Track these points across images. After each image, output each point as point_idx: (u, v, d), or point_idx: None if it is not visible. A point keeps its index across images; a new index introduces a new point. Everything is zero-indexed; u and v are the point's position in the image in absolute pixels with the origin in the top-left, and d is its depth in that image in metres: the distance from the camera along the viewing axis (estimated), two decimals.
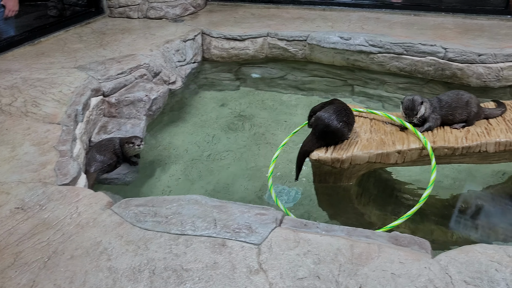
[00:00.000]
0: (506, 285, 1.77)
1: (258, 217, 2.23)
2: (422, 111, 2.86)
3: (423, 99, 2.89)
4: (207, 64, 5.72)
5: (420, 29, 5.47)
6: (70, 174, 2.71)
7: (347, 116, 2.83)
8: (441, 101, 2.94)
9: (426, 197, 2.64)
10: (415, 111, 2.84)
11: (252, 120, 4.55)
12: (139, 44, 5.14)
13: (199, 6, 6.70)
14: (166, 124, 4.47)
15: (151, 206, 2.36)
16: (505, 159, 2.92)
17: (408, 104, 2.87)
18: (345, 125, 2.79)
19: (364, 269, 1.89)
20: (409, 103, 2.86)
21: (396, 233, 2.14)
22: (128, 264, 1.99)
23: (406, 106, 2.87)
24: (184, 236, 2.14)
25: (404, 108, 2.88)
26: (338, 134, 2.80)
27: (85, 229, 2.22)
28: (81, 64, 4.44)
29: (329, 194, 3.10)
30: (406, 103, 2.88)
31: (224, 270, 1.93)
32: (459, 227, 3.08)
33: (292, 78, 5.50)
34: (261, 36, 5.53)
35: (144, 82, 4.34)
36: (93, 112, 3.84)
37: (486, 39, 5.04)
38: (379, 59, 5.09)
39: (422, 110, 2.85)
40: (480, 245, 2.00)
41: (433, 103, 2.93)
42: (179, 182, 3.66)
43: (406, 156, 2.81)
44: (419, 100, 2.85)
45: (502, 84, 4.68)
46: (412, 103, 2.84)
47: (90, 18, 6.22)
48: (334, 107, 2.84)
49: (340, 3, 6.65)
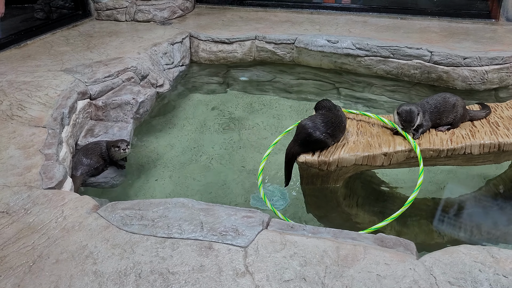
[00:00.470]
0: (489, 285, 1.79)
1: (245, 220, 2.23)
2: (418, 121, 2.85)
3: (418, 109, 2.87)
4: (195, 67, 5.72)
5: (407, 32, 5.52)
6: (55, 178, 2.69)
7: (333, 128, 2.82)
8: (430, 105, 2.96)
9: (412, 199, 2.66)
10: (412, 123, 2.82)
11: (240, 123, 4.56)
12: (126, 47, 5.12)
13: (187, 9, 6.69)
14: (153, 127, 4.45)
15: (137, 210, 2.35)
16: (489, 161, 2.96)
17: (406, 116, 2.82)
18: (327, 136, 2.80)
19: (350, 270, 1.90)
20: (407, 116, 2.82)
21: (382, 235, 2.16)
22: (114, 268, 1.98)
23: (405, 119, 2.82)
24: (171, 239, 2.13)
25: (402, 120, 2.84)
26: (320, 144, 2.82)
27: (71, 233, 2.21)
28: (68, 67, 4.41)
29: (317, 196, 3.11)
30: (404, 115, 2.83)
31: (211, 273, 1.93)
32: (443, 228, 3.12)
33: (280, 81, 5.52)
34: (249, 39, 5.55)
35: (132, 85, 4.32)
36: (80, 115, 3.82)
37: (471, 42, 5.10)
38: (366, 62, 5.13)
39: (418, 120, 2.85)
40: (464, 246, 2.02)
41: (423, 107, 2.94)
42: (166, 185, 3.65)
43: (392, 158, 2.84)
44: (416, 111, 2.83)
45: (487, 87, 4.75)
46: (410, 115, 2.81)
47: (77, 20, 6.18)
48: (320, 117, 2.85)
49: (327, 6, 6.70)
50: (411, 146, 2.80)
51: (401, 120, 2.84)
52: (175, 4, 6.45)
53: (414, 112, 2.82)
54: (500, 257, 1.93)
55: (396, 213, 2.64)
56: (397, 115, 2.87)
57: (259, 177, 3.06)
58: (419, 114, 2.85)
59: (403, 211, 2.65)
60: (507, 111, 3.14)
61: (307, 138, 2.79)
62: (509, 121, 3.00)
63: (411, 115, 2.81)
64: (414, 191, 2.68)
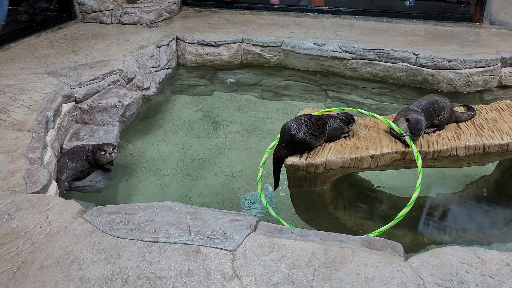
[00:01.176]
0: (476, 286, 1.80)
1: (232, 223, 2.22)
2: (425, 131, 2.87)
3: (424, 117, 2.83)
4: (182, 70, 5.70)
5: (392, 35, 5.57)
6: (40, 182, 2.65)
7: (314, 128, 2.82)
8: (421, 109, 2.96)
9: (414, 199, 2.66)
10: (421, 132, 2.78)
11: (228, 126, 4.55)
12: (112, 49, 5.08)
13: (173, 12, 6.67)
14: (140, 130, 4.42)
15: (124, 214, 2.32)
16: (474, 163, 2.99)
17: (416, 124, 2.75)
18: (310, 136, 2.80)
19: (338, 273, 1.90)
20: (419, 126, 2.76)
21: (370, 237, 2.16)
22: (100, 273, 1.96)
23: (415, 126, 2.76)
24: (158, 244, 2.11)
25: (413, 128, 2.77)
26: (304, 145, 2.81)
27: (56, 238, 2.17)
28: (53, 70, 4.36)
29: (304, 198, 3.11)
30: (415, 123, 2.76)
31: (198, 277, 1.91)
32: (430, 229, 3.14)
33: (267, 83, 5.52)
34: (236, 42, 5.54)
35: (118, 88, 4.28)
36: (65, 119, 3.77)
37: (455, 45, 5.16)
38: (353, 65, 5.16)
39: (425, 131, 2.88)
40: (451, 247, 2.03)
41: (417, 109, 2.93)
42: (153, 188, 3.62)
43: (379, 160, 2.85)
44: (425, 121, 2.80)
45: (472, 90, 4.81)
46: (421, 124, 2.76)
47: (62, 23, 6.12)
48: (304, 118, 2.85)
49: (314, 9, 6.73)
50: (397, 148, 2.81)
51: (410, 127, 2.78)
52: (161, 6, 6.42)
53: (423, 121, 2.77)
54: (486, 258, 1.94)
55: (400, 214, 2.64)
56: (407, 121, 2.78)
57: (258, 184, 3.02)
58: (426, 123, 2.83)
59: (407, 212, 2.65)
60: (492, 113, 3.18)
61: (290, 139, 2.78)
62: (493, 123, 3.03)
63: (421, 124, 2.76)
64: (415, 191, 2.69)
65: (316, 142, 2.86)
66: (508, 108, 3.22)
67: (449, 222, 3.22)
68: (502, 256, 1.95)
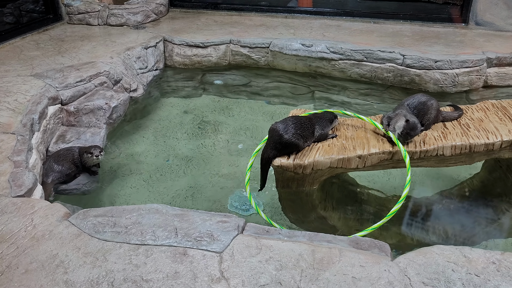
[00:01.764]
0: (462, 284, 1.81)
1: (220, 225, 2.21)
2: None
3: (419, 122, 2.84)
4: (169, 71, 5.68)
5: (380, 36, 5.60)
6: (25, 185, 2.62)
7: (302, 129, 2.82)
8: (410, 109, 2.97)
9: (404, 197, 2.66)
10: (410, 138, 2.80)
11: (216, 127, 4.53)
12: (99, 51, 5.04)
13: (161, 13, 6.64)
14: (127, 133, 4.39)
15: (110, 216, 2.30)
16: (461, 162, 3.01)
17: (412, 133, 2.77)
18: (299, 137, 2.80)
19: (326, 273, 1.89)
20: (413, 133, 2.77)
21: (357, 237, 2.17)
22: (85, 277, 1.93)
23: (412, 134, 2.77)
24: (144, 246, 2.09)
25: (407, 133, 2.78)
26: (291, 146, 2.81)
27: (41, 242, 2.15)
28: (38, 72, 4.31)
29: (292, 199, 3.11)
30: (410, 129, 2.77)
31: (185, 279, 1.90)
32: (415, 229, 3.16)
33: (255, 84, 5.52)
34: (224, 43, 5.54)
35: (104, 90, 4.25)
36: (51, 121, 3.74)
37: (442, 46, 5.20)
38: (340, 66, 5.17)
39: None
40: (437, 246, 2.04)
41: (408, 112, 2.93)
42: (141, 191, 3.59)
43: (367, 161, 2.85)
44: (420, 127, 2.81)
45: (458, 90, 4.85)
46: (415, 132, 2.78)
47: (48, 24, 6.07)
48: (292, 119, 2.86)
49: (302, 10, 6.74)
50: (384, 149, 2.83)
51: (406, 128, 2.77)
52: (148, 8, 6.39)
53: (418, 131, 2.78)
54: (472, 256, 1.95)
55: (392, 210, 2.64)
56: (406, 122, 2.78)
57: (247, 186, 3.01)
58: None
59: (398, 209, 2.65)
60: (478, 113, 3.20)
61: (278, 140, 2.78)
62: (479, 122, 3.06)
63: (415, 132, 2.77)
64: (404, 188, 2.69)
65: (304, 143, 2.86)
66: (493, 108, 3.25)
67: (435, 222, 3.24)
68: (488, 254, 1.96)
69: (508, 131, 2.92)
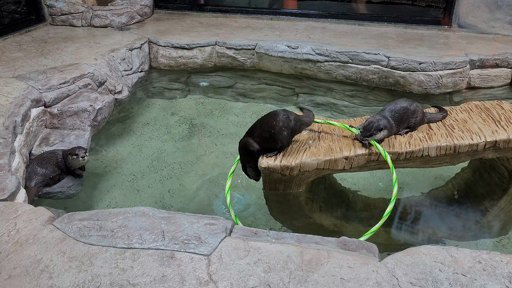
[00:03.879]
0: (449, 284, 1.82)
1: (207, 227, 2.19)
2: (379, 136, 2.85)
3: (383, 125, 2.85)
4: (154, 73, 5.64)
5: (364, 38, 5.64)
6: (7, 189, 2.57)
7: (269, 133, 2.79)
8: (393, 114, 2.98)
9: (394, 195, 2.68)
10: (369, 134, 2.81)
11: (202, 129, 4.51)
12: (83, 52, 4.98)
13: (145, 15, 6.60)
14: (112, 135, 4.34)
15: (96, 220, 2.27)
16: (446, 163, 3.04)
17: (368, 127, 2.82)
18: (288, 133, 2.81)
19: (314, 275, 1.89)
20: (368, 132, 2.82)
21: (345, 238, 2.17)
22: (71, 282, 1.90)
23: (368, 129, 2.82)
24: (131, 250, 2.06)
25: (363, 127, 2.85)
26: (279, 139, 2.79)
27: (24, 247, 2.10)
28: (20, 74, 4.24)
29: (280, 201, 3.10)
30: (367, 125, 2.84)
31: (173, 283, 1.88)
32: (401, 230, 3.18)
33: (241, 86, 5.51)
34: (209, 44, 5.52)
35: (89, 92, 4.20)
36: (34, 124, 3.68)
37: (426, 48, 5.26)
38: (326, 68, 5.19)
39: (379, 136, 2.85)
40: (425, 246, 2.05)
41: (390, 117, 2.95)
42: (127, 194, 3.56)
43: (354, 162, 2.86)
44: (380, 126, 2.82)
45: (442, 91, 4.90)
46: (370, 126, 2.81)
47: (31, 26, 5.98)
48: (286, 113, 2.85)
49: (287, 12, 6.76)
50: (371, 150, 2.84)
51: (364, 125, 2.85)
52: (133, 9, 6.34)
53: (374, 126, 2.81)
54: (458, 256, 1.97)
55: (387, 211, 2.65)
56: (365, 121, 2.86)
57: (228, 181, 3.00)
58: (382, 131, 2.84)
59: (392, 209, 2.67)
60: (462, 114, 3.24)
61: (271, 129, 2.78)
62: (463, 123, 3.09)
63: (371, 126, 2.81)
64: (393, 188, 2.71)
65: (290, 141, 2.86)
66: (477, 109, 3.29)
67: (421, 222, 3.27)
68: (474, 254, 1.98)
69: (492, 132, 2.96)
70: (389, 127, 2.89)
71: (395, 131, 2.97)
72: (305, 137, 3.05)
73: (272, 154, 2.82)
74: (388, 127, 2.88)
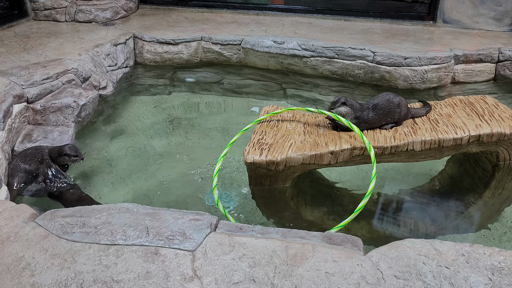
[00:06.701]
0: (433, 277, 1.83)
1: (192, 223, 2.18)
2: (341, 110, 2.99)
3: (349, 102, 3.02)
4: (140, 69, 5.58)
5: (350, 33, 5.65)
6: None
7: None
8: (375, 107, 3.01)
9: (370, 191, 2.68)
10: (333, 106, 3.02)
11: (188, 125, 4.49)
12: (66, 48, 4.92)
13: (130, 10, 6.53)
14: (96, 131, 4.30)
15: (79, 217, 2.24)
16: (430, 157, 3.06)
17: (334, 101, 3.05)
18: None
19: (299, 269, 1.89)
20: (335, 100, 3.05)
21: (330, 232, 2.17)
22: (53, 279, 1.87)
23: (333, 101, 3.06)
24: (115, 246, 2.04)
25: (331, 102, 3.07)
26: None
27: (6, 244, 2.07)
28: (2, 69, 4.17)
29: (266, 196, 3.10)
30: (336, 99, 3.06)
31: (157, 279, 1.86)
32: (386, 223, 3.20)
33: (228, 82, 5.49)
34: (195, 40, 5.48)
35: (72, 88, 4.15)
36: (16, 120, 3.62)
37: (411, 43, 5.29)
38: (312, 63, 5.19)
39: (342, 110, 2.99)
40: (409, 240, 2.06)
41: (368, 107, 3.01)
42: (111, 190, 3.53)
43: (339, 156, 2.87)
44: (342, 100, 3.01)
45: (427, 86, 4.94)
46: (337, 100, 3.03)
47: (13, 21, 5.88)
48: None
49: (273, 8, 6.74)
50: (356, 144, 2.85)
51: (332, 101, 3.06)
52: (118, 4, 6.27)
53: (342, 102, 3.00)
54: (442, 249, 1.98)
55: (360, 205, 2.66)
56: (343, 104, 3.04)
57: (214, 178, 2.99)
58: (344, 105, 3.00)
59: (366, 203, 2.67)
60: (446, 108, 3.26)
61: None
62: (448, 118, 3.12)
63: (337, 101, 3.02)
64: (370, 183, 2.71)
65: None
66: (461, 104, 3.32)
67: (405, 215, 3.29)
68: (457, 247, 2.00)
69: (476, 126, 2.99)
70: (355, 107, 3.01)
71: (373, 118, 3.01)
72: (291, 131, 3.05)
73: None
74: (354, 106, 3.01)
